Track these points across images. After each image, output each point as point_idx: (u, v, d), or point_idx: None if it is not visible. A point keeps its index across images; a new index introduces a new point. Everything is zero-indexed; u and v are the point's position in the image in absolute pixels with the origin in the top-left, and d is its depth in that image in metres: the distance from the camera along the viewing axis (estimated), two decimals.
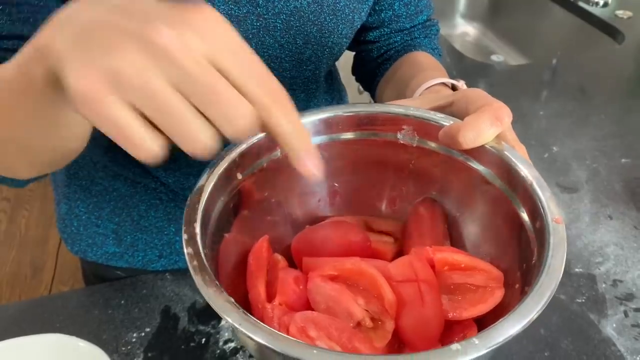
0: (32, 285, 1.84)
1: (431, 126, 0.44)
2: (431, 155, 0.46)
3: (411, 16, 0.68)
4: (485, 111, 0.41)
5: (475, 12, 1.61)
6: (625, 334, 0.59)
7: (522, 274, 0.39)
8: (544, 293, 0.33)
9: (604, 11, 1.27)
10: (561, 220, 0.37)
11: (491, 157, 0.42)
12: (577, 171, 0.81)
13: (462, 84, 0.55)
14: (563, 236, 0.36)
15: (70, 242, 0.72)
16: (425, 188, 0.49)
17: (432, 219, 0.48)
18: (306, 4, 0.56)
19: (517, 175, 0.41)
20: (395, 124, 0.45)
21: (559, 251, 0.36)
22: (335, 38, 0.59)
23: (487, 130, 0.41)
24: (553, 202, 0.39)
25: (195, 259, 0.35)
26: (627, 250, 0.69)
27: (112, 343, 0.57)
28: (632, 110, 0.96)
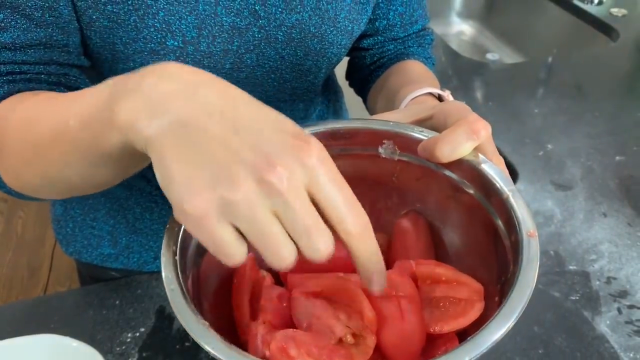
0: (28, 287, 1.84)
1: (411, 140, 0.45)
2: (413, 169, 0.46)
3: (405, 26, 0.68)
4: (462, 125, 0.41)
5: (471, 11, 1.61)
6: (619, 330, 0.59)
7: (501, 287, 0.40)
8: (514, 309, 0.34)
9: (599, 9, 1.27)
10: (535, 235, 0.37)
11: (469, 170, 0.43)
12: (571, 169, 0.81)
13: (447, 94, 0.55)
14: (536, 251, 0.37)
15: (65, 243, 0.72)
16: (409, 201, 0.49)
17: (417, 231, 0.49)
18: (307, 17, 0.56)
19: (493, 188, 0.41)
20: (375, 138, 0.46)
21: (531, 267, 0.36)
22: (335, 49, 0.60)
23: (463, 144, 0.41)
24: (528, 216, 0.39)
25: (173, 283, 0.35)
26: (621, 247, 0.69)
27: (107, 343, 0.57)
28: (627, 108, 0.96)
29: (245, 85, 0.57)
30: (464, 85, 1.02)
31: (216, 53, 0.53)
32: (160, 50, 0.51)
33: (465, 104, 0.46)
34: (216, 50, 0.53)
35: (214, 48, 0.53)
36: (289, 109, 0.64)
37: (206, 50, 0.53)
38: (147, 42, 0.50)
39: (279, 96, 0.61)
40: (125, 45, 0.50)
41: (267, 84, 0.59)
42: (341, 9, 0.58)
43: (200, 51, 0.53)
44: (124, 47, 0.50)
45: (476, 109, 0.95)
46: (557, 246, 0.69)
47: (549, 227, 0.72)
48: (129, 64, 0.51)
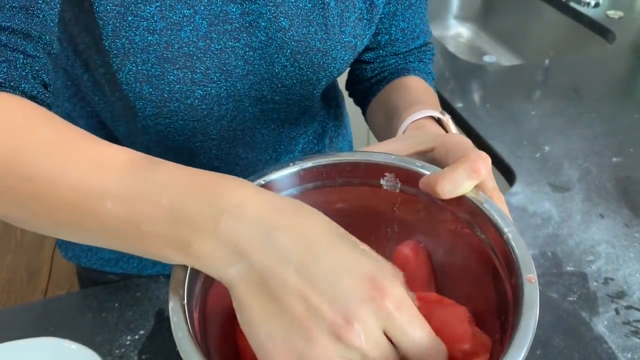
0: (27, 291, 1.84)
1: (413, 174, 0.45)
2: (414, 201, 0.46)
3: (407, 41, 0.69)
4: (463, 163, 0.42)
5: (468, 14, 1.61)
6: (617, 331, 0.60)
7: (501, 325, 0.40)
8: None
9: (595, 11, 1.28)
10: (534, 279, 0.38)
11: (470, 207, 0.43)
12: (568, 170, 0.82)
13: (447, 118, 0.56)
14: (535, 297, 0.37)
15: (65, 248, 0.72)
16: (409, 231, 0.49)
17: (417, 261, 0.49)
18: (313, 31, 0.57)
19: (493, 229, 0.42)
20: (378, 171, 0.47)
21: (531, 314, 0.36)
22: (337, 64, 0.61)
23: (464, 182, 0.42)
24: (527, 258, 0.39)
25: (181, 330, 0.35)
26: (618, 248, 0.69)
27: (106, 346, 0.57)
28: (624, 110, 0.97)
29: (245, 85, 0.58)
30: (461, 88, 1.02)
31: (225, 51, 0.54)
32: (175, 43, 0.51)
33: (466, 137, 0.47)
34: (225, 48, 0.54)
35: (223, 45, 0.54)
36: (285, 112, 0.64)
37: (217, 47, 0.53)
38: (162, 35, 0.51)
39: (277, 99, 0.62)
40: (141, 37, 0.50)
41: (266, 87, 0.59)
42: (346, 25, 0.59)
43: (211, 50, 0.53)
44: (140, 39, 0.51)
45: (473, 111, 0.96)
46: (555, 247, 0.69)
47: (546, 228, 0.72)
48: (143, 56, 0.51)
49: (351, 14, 0.59)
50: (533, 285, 0.37)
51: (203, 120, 0.58)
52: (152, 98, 0.54)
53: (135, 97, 0.54)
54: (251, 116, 0.61)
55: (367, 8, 0.61)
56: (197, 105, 0.56)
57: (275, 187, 0.45)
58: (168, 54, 0.51)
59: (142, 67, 0.51)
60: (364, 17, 0.61)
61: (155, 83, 0.53)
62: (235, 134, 0.62)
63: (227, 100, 0.58)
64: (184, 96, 0.55)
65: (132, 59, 0.51)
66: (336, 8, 0.57)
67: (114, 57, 0.51)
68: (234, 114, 0.60)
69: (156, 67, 0.52)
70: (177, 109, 0.56)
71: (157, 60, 0.51)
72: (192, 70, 0.53)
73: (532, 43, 1.44)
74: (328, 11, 0.57)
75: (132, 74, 0.52)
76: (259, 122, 0.63)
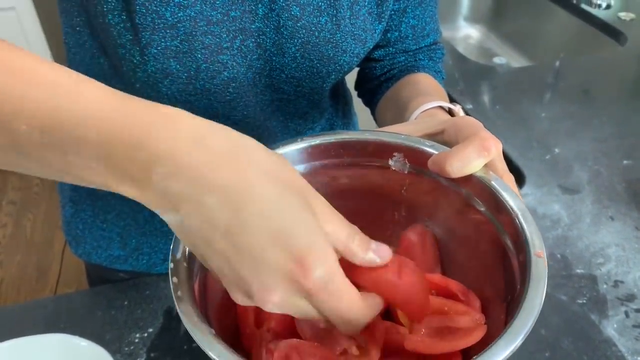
0: (37, 288, 1.85)
1: (421, 154, 0.45)
2: (422, 182, 0.46)
3: (417, 39, 0.69)
4: (473, 141, 0.42)
5: (478, 15, 1.61)
6: (627, 334, 0.59)
7: (507, 305, 0.40)
8: (519, 331, 0.34)
9: (606, 13, 1.27)
10: (542, 254, 0.37)
11: (479, 187, 0.43)
12: (578, 172, 0.81)
13: (458, 108, 0.56)
14: (543, 271, 0.37)
15: (75, 244, 0.72)
16: (417, 214, 0.49)
17: (423, 245, 0.49)
18: (324, 22, 0.57)
19: (503, 207, 0.41)
20: (386, 151, 0.46)
21: (539, 288, 0.36)
22: (347, 57, 0.61)
23: (473, 160, 0.41)
24: (537, 235, 0.39)
25: (180, 289, 0.36)
26: (628, 251, 0.69)
27: (116, 343, 0.58)
28: (634, 112, 0.96)
29: (258, 70, 0.58)
30: (471, 89, 1.02)
31: (244, 32, 0.54)
32: (202, 20, 0.52)
33: (476, 119, 0.46)
34: (244, 29, 0.54)
35: (242, 25, 0.54)
36: (294, 105, 0.64)
37: (237, 27, 0.54)
38: (191, 11, 0.51)
39: (286, 90, 0.62)
40: (172, 13, 0.51)
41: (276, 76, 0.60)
42: (356, 18, 0.59)
43: (232, 30, 0.54)
44: (170, 14, 0.51)
45: (483, 113, 0.95)
46: (564, 250, 0.69)
47: (555, 230, 0.72)
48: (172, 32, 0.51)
49: (361, 7, 0.59)
50: (541, 259, 0.37)
51: (228, 103, 0.59)
52: (178, 74, 0.54)
53: (162, 75, 0.54)
54: (261, 103, 0.62)
55: (377, 2, 0.61)
56: (221, 88, 0.57)
57: None
58: (196, 31, 0.52)
59: (171, 43, 0.52)
60: (373, 12, 0.61)
61: (182, 59, 0.53)
62: (247, 122, 0.62)
63: (243, 84, 0.58)
64: (209, 76, 0.55)
65: (162, 33, 0.51)
66: (346, 0, 0.58)
67: (144, 32, 0.51)
68: (247, 99, 0.60)
69: (184, 44, 0.52)
70: (202, 87, 0.56)
71: (186, 37, 0.52)
72: (218, 50, 0.54)
73: (543, 45, 1.43)
74: (339, 3, 0.57)
75: (161, 50, 0.52)
76: (268, 113, 0.63)
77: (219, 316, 0.41)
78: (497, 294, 0.42)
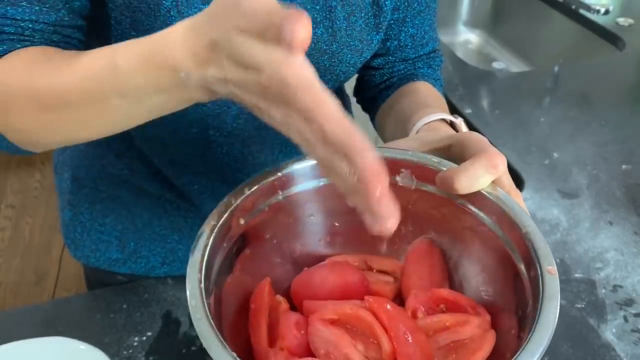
0: (35, 292, 1.85)
1: (428, 170, 0.45)
2: (429, 198, 0.47)
3: (416, 47, 0.69)
4: (481, 158, 0.42)
5: (477, 20, 1.61)
6: (625, 339, 0.59)
7: (518, 320, 0.40)
8: (535, 351, 0.34)
9: (605, 19, 1.27)
10: (554, 271, 0.38)
11: (487, 203, 0.43)
12: (577, 177, 0.81)
13: (460, 121, 0.56)
14: (556, 288, 0.37)
15: (74, 247, 0.72)
16: (424, 229, 0.49)
17: (431, 259, 0.49)
18: (320, 33, 0.57)
19: (512, 223, 0.42)
20: (393, 167, 0.46)
21: (552, 304, 0.36)
22: (343, 67, 0.61)
23: (481, 177, 0.42)
24: (547, 252, 0.39)
25: (199, 312, 0.36)
26: (627, 255, 0.69)
27: (114, 346, 0.58)
28: (633, 117, 0.96)
29: None
30: (470, 94, 1.02)
31: None
32: None
33: (482, 136, 0.46)
34: None
35: None
36: None
37: None
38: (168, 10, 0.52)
39: None
40: None
41: None
42: (352, 29, 0.59)
43: None
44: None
45: (482, 118, 0.96)
46: (563, 254, 0.69)
47: (554, 235, 0.72)
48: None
49: (358, 18, 0.60)
50: (553, 276, 0.37)
51: (218, 116, 0.59)
52: None
53: None
54: None
55: (374, 13, 0.61)
56: (213, 102, 0.57)
57: (293, 179, 0.46)
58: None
59: None
60: (370, 22, 0.61)
61: None
62: (249, 133, 0.62)
63: None
64: None
65: None
66: (342, 11, 0.58)
67: None
68: (247, 112, 0.60)
69: None
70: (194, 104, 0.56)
71: None
72: None
73: (542, 50, 1.44)
74: (334, 14, 0.57)
75: None
76: None
77: (232, 334, 0.41)
78: (508, 307, 0.42)
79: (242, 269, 0.46)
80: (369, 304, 0.42)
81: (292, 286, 0.49)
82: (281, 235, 0.49)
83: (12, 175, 2.29)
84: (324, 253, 0.52)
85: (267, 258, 0.49)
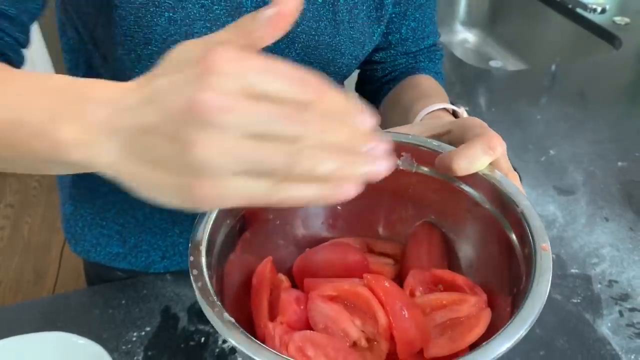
0: (34, 291, 1.85)
1: (429, 153, 0.46)
2: (429, 181, 0.47)
3: (417, 41, 0.70)
4: (479, 140, 0.43)
5: (475, 20, 1.62)
6: (620, 333, 0.60)
7: (513, 298, 0.41)
8: (526, 319, 0.35)
9: (601, 18, 1.28)
10: (548, 248, 0.39)
11: (485, 184, 0.44)
12: (574, 174, 0.82)
13: (462, 110, 0.57)
14: (549, 264, 0.38)
15: (74, 242, 0.73)
16: (424, 212, 0.50)
17: (430, 242, 0.50)
18: (323, 26, 0.58)
19: (508, 203, 0.43)
20: (394, 150, 0.47)
21: (544, 278, 0.37)
22: (346, 60, 0.62)
23: (479, 159, 0.42)
24: (541, 230, 0.40)
25: (200, 280, 0.37)
26: (622, 251, 0.69)
27: (113, 342, 0.58)
28: (629, 115, 0.97)
29: None
30: (468, 92, 1.03)
31: None
32: (194, 33, 0.52)
33: (482, 120, 0.47)
34: None
35: None
36: None
37: None
38: (182, 25, 0.52)
39: None
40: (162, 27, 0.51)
41: None
42: (355, 21, 0.60)
43: None
44: (161, 29, 0.51)
45: (480, 115, 0.96)
46: (559, 250, 0.69)
47: (551, 231, 0.72)
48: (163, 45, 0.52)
49: (360, 11, 0.60)
50: (546, 253, 0.38)
51: None
52: None
53: None
54: None
55: (376, 6, 0.62)
56: None
57: None
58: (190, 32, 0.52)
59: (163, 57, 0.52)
60: (372, 15, 0.62)
61: None
62: None
63: None
64: None
65: (153, 49, 0.52)
66: (345, 5, 0.58)
67: (135, 47, 0.52)
68: None
69: None
70: None
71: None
72: None
73: (539, 49, 1.44)
74: (337, 7, 0.58)
75: (153, 63, 0.53)
76: None
77: (234, 310, 0.42)
78: (503, 287, 0.43)
79: (246, 248, 0.46)
80: (367, 280, 0.43)
81: (294, 265, 0.50)
82: (284, 217, 0.50)
83: (11, 174, 2.29)
84: (326, 236, 0.53)
85: (270, 239, 0.50)
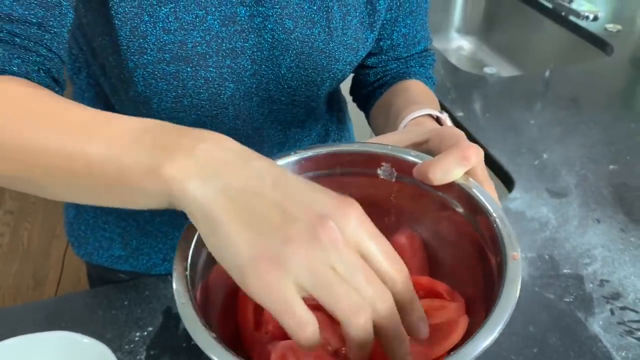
0: (34, 298, 1.85)
1: (407, 163, 0.48)
2: (409, 190, 0.49)
3: (408, 46, 0.71)
4: (454, 151, 0.44)
5: (469, 27, 1.64)
6: (612, 331, 0.61)
7: (487, 305, 0.42)
8: (495, 325, 0.36)
9: (594, 25, 1.30)
10: (518, 257, 0.40)
11: (460, 193, 0.46)
12: (566, 177, 0.84)
13: (445, 117, 0.58)
14: (518, 272, 0.39)
15: (77, 245, 0.74)
16: (405, 219, 0.52)
17: (412, 248, 0.51)
18: (317, 33, 0.60)
19: (482, 212, 0.44)
20: (375, 161, 0.49)
21: (513, 286, 0.38)
22: (340, 65, 0.63)
23: (454, 169, 0.44)
24: (513, 237, 0.41)
25: (183, 297, 0.38)
26: (613, 252, 0.71)
27: (116, 341, 0.59)
28: (621, 120, 0.99)
29: (254, 85, 0.60)
30: (462, 98, 1.04)
31: (235, 51, 0.57)
32: (188, 42, 0.54)
33: (459, 130, 0.49)
34: (235, 48, 0.56)
35: (234, 45, 0.56)
36: (291, 113, 0.66)
37: (227, 47, 0.56)
38: (176, 35, 0.53)
39: (283, 100, 0.64)
40: (157, 37, 0.53)
41: (273, 88, 0.62)
42: (348, 28, 0.62)
43: (222, 49, 0.56)
44: (156, 38, 0.53)
45: (474, 121, 0.98)
46: (552, 251, 0.71)
47: (544, 232, 0.74)
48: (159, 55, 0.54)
49: (353, 18, 0.62)
50: (517, 262, 0.39)
51: (215, 117, 0.61)
52: (167, 94, 0.56)
53: (151, 93, 0.56)
54: (260, 116, 0.64)
55: (369, 12, 0.63)
56: (210, 103, 0.59)
57: None
58: (182, 53, 0.54)
59: (158, 65, 0.54)
60: (365, 21, 0.64)
61: (170, 80, 0.55)
62: (246, 133, 0.64)
63: (238, 99, 0.60)
64: (196, 92, 0.57)
65: (149, 57, 0.53)
66: (339, 11, 0.60)
67: (131, 56, 0.53)
68: (245, 113, 0.62)
69: (171, 65, 0.54)
70: (190, 104, 0.58)
71: (172, 59, 0.54)
72: (205, 69, 0.56)
73: (532, 56, 1.46)
74: (331, 14, 0.59)
75: (149, 72, 0.54)
76: (267, 123, 0.65)
77: (221, 321, 0.43)
78: (479, 293, 0.44)
79: None
80: None
81: None
82: None
83: None
84: None
85: None
